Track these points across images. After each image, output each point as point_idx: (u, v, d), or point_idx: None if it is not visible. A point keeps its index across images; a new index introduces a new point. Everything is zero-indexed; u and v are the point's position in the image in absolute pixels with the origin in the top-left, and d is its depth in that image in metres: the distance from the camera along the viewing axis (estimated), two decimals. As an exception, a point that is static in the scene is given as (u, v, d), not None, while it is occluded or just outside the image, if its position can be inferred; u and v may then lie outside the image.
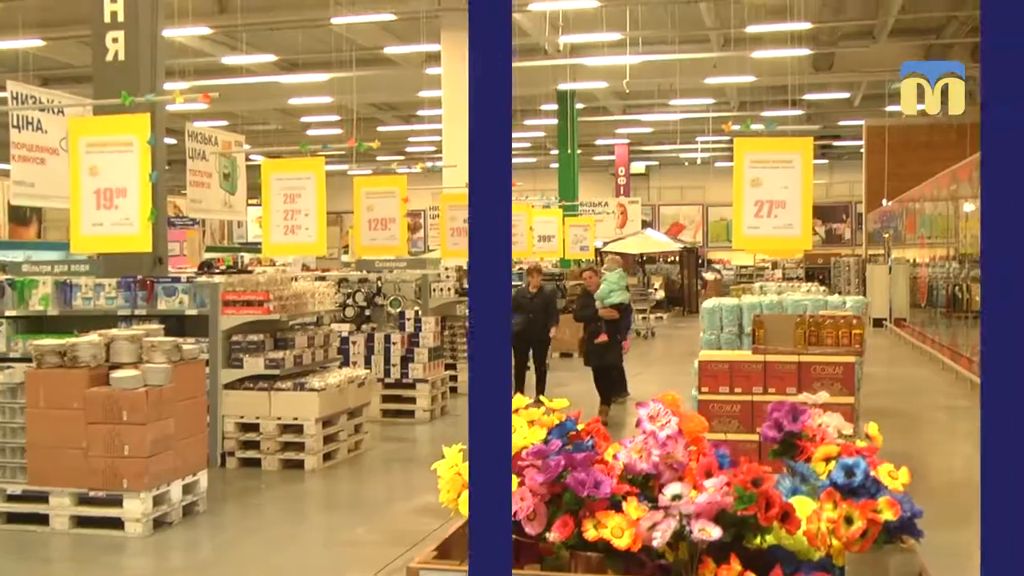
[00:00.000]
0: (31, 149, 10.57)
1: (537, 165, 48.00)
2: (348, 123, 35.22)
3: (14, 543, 8.11)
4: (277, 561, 7.49)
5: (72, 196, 8.45)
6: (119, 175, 8.16)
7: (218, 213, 14.64)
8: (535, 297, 14.26)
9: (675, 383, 16.45)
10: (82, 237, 8.35)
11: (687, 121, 35.92)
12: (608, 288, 13.52)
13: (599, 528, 3.29)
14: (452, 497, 3.44)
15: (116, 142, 8.20)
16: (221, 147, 13.75)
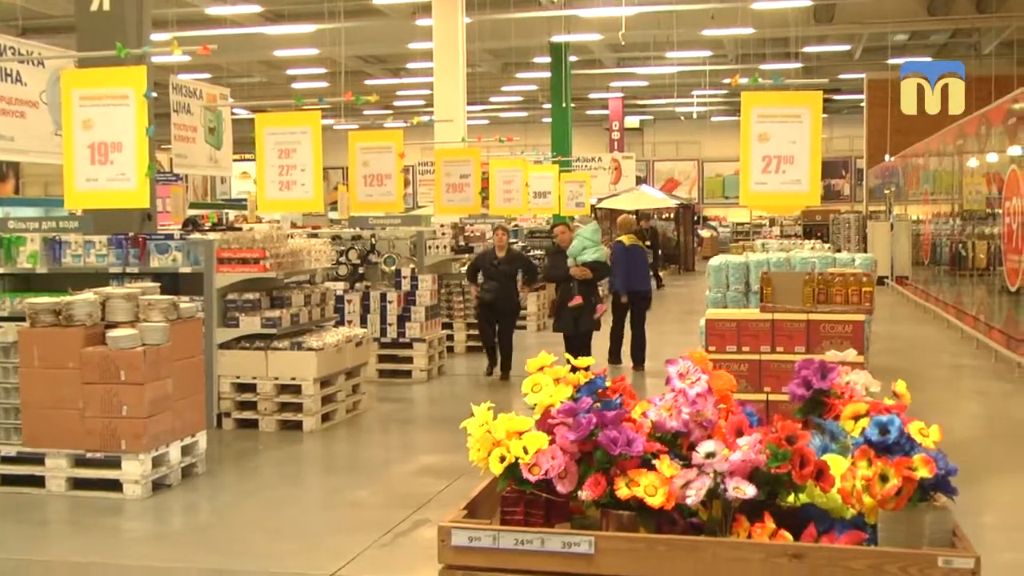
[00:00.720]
0: (10, 102, 10.51)
1: (529, 120, 47.87)
2: (334, 76, 35.02)
3: (9, 506, 8.14)
4: (279, 524, 7.54)
5: (65, 151, 8.41)
6: (114, 129, 8.12)
7: (204, 168, 14.60)
8: (502, 262, 13.52)
9: (677, 343, 16.56)
10: (76, 193, 8.33)
11: (683, 74, 35.81)
12: (581, 244, 12.61)
13: (632, 486, 3.34)
14: (483, 456, 3.48)
15: (111, 95, 8.16)
16: (206, 100, 13.69)
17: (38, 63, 10.91)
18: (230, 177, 37.25)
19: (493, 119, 48.21)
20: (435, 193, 16.73)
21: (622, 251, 14.43)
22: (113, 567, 6.73)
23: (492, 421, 3.50)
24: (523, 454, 3.39)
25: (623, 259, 14.32)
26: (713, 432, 3.57)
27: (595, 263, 12.52)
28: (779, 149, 9.91)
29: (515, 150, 32.09)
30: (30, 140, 10.27)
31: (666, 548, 3.23)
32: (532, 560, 3.29)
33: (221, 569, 6.56)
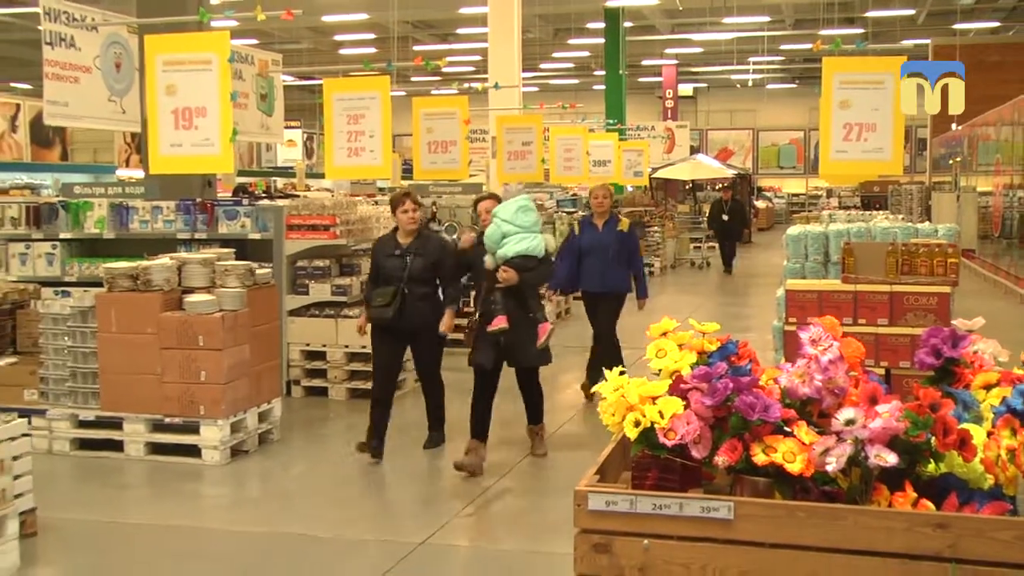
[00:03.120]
0: (64, 67, 10.59)
1: (580, 87, 47.72)
2: (382, 42, 35.07)
3: (91, 469, 8.32)
4: (360, 491, 7.66)
5: (149, 116, 8.52)
6: (198, 94, 8.23)
7: (256, 135, 14.70)
8: (408, 251, 8.48)
9: (742, 314, 16.57)
10: (160, 158, 8.44)
11: (740, 40, 35.55)
12: (497, 231, 8.00)
13: (769, 452, 3.38)
14: (616, 420, 3.53)
15: (194, 60, 8.25)
16: (258, 67, 13.76)
17: (92, 28, 10.98)
18: (276, 145, 37.40)
19: (543, 86, 48.08)
20: (498, 160, 16.75)
21: (615, 238, 10.57)
22: (197, 530, 6.87)
23: (626, 385, 3.54)
24: (659, 419, 3.44)
25: (595, 248, 10.55)
26: (844, 399, 3.60)
27: (522, 259, 7.91)
28: (861, 116, 9.88)
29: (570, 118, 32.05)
30: (84, 105, 10.37)
31: (806, 515, 3.26)
32: (669, 525, 3.33)
33: (305, 535, 6.66)
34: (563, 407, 10.38)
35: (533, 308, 8.08)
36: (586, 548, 3.41)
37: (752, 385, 3.55)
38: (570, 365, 12.18)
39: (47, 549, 6.52)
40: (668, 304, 18.31)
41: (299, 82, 39.52)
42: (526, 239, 7.95)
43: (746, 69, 41.17)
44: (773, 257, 25.83)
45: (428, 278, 8.46)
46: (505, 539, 6.76)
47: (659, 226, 24.51)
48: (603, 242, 10.53)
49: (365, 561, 6.33)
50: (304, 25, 34.20)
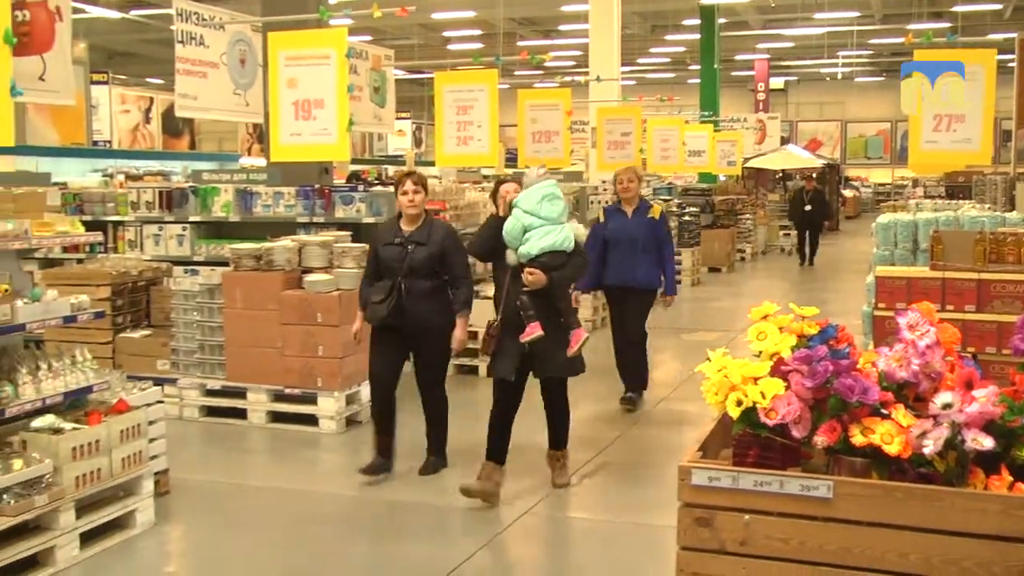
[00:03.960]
0: (194, 64, 10.75)
1: (675, 81, 47.27)
2: (488, 38, 35.11)
3: (216, 435, 8.48)
4: (466, 462, 7.64)
5: (271, 107, 8.65)
6: (317, 87, 8.32)
7: (368, 126, 14.78)
8: (409, 240, 7.08)
9: (830, 299, 16.28)
10: (280, 147, 8.56)
11: (830, 35, 34.88)
12: (517, 224, 6.53)
13: (867, 434, 3.29)
14: (719, 400, 3.46)
15: (314, 55, 8.35)
16: (371, 62, 13.85)
17: (219, 27, 11.15)
18: (387, 135, 37.67)
19: (641, 80, 47.74)
20: (597, 151, 16.66)
21: (645, 226, 9.21)
22: (314, 494, 6.96)
23: (729, 366, 3.48)
24: (761, 399, 3.37)
25: (623, 241, 9.17)
26: (940, 384, 3.50)
27: (549, 256, 6.49)
28: (950, 107, 9.61)
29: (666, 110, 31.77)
30: (211, 98, 10.49)
31: (904, 496, 3.17)
32: (770, 502, 3.27)
33: (419, 503, 6.71)
34: (661, 384, 10.30)
35: (564, 311, 6.63)
36: (689, 521, 3.37)
37: (851, 368, 3.47)
38: (664, 345, 12.10)
39: (178, 507, 6.67)
40: (759, 289, 18.11)
41: (409, 76, 39.72)
42: (552, 232, 6.46)
43: (835, 63, 40.38)
44: (860, 244, 25.36)
45: (432, 272, 6.96)
46: (607, 510, 6.72)
47: (751, 214, 24.21)
48: (631, 231, 9.14)
49: (469, 529, 6.33)
50: (415, 22, 34.35)
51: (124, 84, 28.28)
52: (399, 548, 6.01)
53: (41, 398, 5.79)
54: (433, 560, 5.75)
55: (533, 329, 6.43)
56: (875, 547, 3.17)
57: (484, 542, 6.06)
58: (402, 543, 6.09)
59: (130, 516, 6.14)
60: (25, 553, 5.40)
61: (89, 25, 24.55)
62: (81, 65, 16.93)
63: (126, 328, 9.38)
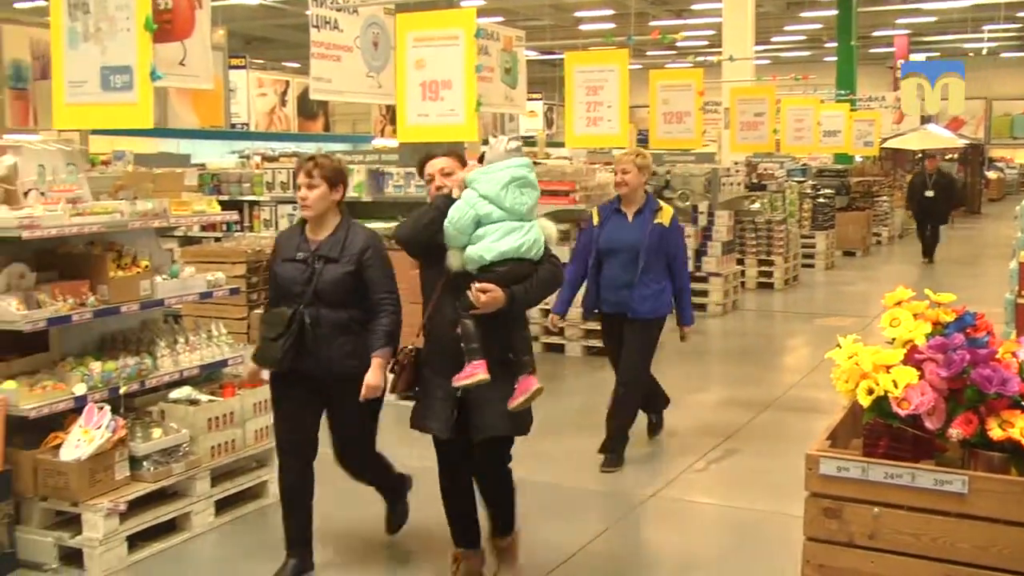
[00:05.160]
0: (328, 47, 10.92)
1: (811, 59, 46.26)
2: (619, 18, 34.86)
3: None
4: (595, 444, 7.63)
5: (398, 88, 8.73)
6: (445, 68, 8.36)
7: (499, 107, 14.79)
8: (315, 254, 5.08)
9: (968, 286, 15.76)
10: (407, 127, 8.62)
11: (974, 8, 33.62)
12: (469, 215, 4.58)
13: (1006, 427, 3.17)
14: (849, 387, 3.37)
15: (442, 36, 8.39)
16: (503, 43, 13.87)
17: (353, 11, 11.31)
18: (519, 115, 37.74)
19: (775, 59, 46.85)
20: (730, 132, 16.42)
21: (650, 233, 6.88)
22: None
23: (860, 353, 3.38)
24: (893, 388, 3.27)
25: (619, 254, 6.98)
26: (1081, 376, 3.35)
27: (514, 264, 4.63)
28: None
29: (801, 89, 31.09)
30: (345, 81, 10.61)
31: (1045, 492, 3.05)
32: (900, 495, 3.18)
33: (554, 484, 6.68)
34: (792, 369, 10.13)
35: (517, 346, 4.69)
36: (816, 512, 3.30)
37: (990, 358, 3.34)
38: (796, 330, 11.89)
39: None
40: (895, 274, 17.62)
41: (540, 56, 39.73)
42: (516, 232, 4.58)
43: (980, 37, 38.94)
44: (1002, 229, 24.48)
45: (348, 298, 5.02)
46: (735, 496, 6.63)
47: (888, 196, 23.56)
48: (630, 239, 6.86)
49: (594, 511, 6.31)
50: (546, 2, 34.30)
51: (261, 68, 28.85)
52: (525, 527, 6.02)
53: (179, 370, 6.00)
54: (558, 541, 5.74)
55: (475, 370, 4.47)
56: (1012, 547, 3.05)
57: (608, 524, 6.04)
58: (528, 522, 6.10)
59: (262, 486, 6.29)
60: (164, 518, 5.63)
61: (228, 12, 25.12)
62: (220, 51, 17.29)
63: (260, 304, 9.59)
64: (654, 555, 5.83)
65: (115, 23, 5.52)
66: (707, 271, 13.11)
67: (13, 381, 5.27)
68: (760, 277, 15.35)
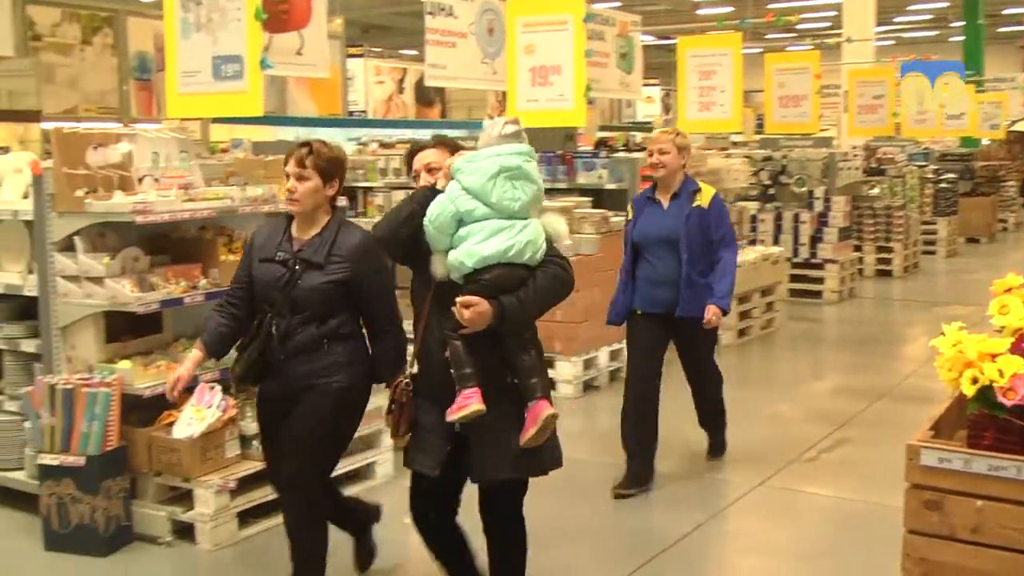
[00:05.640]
0: (443, 34, 10.98)
1: (936, 39, 44.98)
2: (739, 1, 34.32)
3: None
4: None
5: (508, 74, 8.75)
6: (554, 53, 8.36)
7: (615, 92, 14.68)
8: (296, 256, 4.32)
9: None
10: (517, 113, 8.64)
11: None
12: (448, 213, 3.85)
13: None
14: (953, 376, 3.27)
15: (551, 21, 8.40)
16: (618, 28, 13.77)
17: (469, -4, 11.39)
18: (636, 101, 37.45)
19: (898, 39, 45.64)
20: (848, 115, 16.06)
21: (690, 220, 6.08)
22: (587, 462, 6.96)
23: (965, 341, 3.27)
24: (998, 377, 3.15)
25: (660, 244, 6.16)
26: None
27: (503, 271, 3.85)
28: None
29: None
30: (460, 68, 10.66)
31: None
32: (1004, 488, 3.07)
33: (657, 471, 6.64)
34: (910, 359, 9.89)
35: (522, 369, 3.92)
36: (916, 504, 3.21)
37: (1103, 347, 3.21)
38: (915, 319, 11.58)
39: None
40: (1021, 262, 17.04)
41: (658, 41, 39.40)
42: (506, 231, 3.84)
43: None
44: None
45: (327, 310, 4.27)
46: (843, 487, 6.48)
47: (1015, 181, 22.76)
48: (668, 229, 6.09)
49: (699, 498, 6.24)
50: (664, -13, 33.99)
51: (379, 56, 29.18)
52: (629, 514, 6.00)
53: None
54: (661, 527, 5.71)
55: (467, 400, 3.77)
56: (1123, 542, 2.93)
57: (714, 512, 5.98)
58: (631, 508, 6.07)
59: (370, 468, 6.38)
60: (273, 496, 5.65)
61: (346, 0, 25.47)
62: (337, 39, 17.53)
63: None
64: (756, 544, 5.75)
65: (226, 13, 5.64)
66: (823, 258, 12.86)
67: (128, 361, 5.45)
68: (879, 264, 14.99)
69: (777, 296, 11.15)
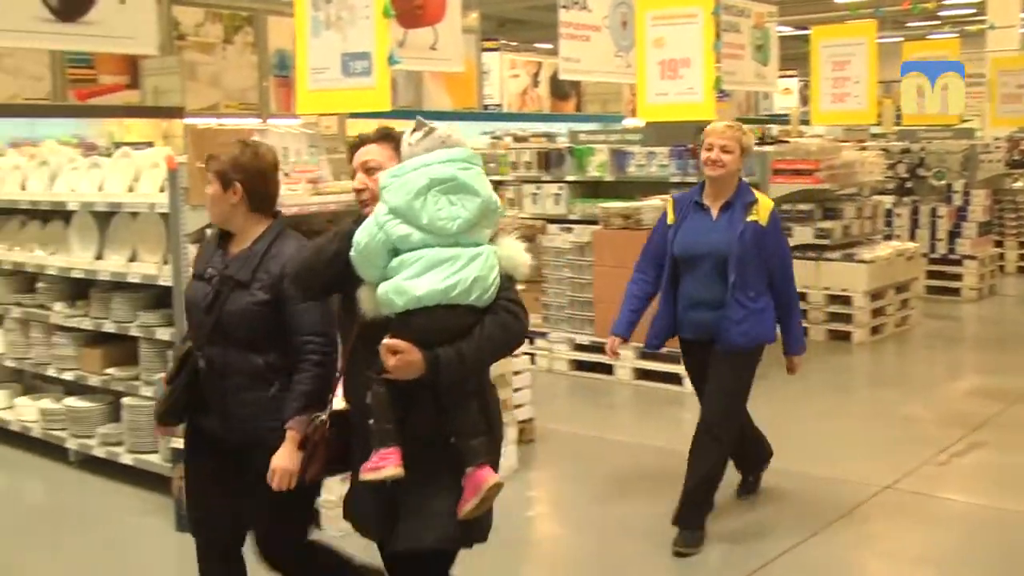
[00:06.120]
0: (577, 28, 10.94)
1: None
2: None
3: (583, 388, 8.67)
4: (832, 431, 7.39)
5: (637, 67, 8.70)
6: (683, 46, 8.28)
7: (751, 85, 14.45)
8: (224, 273, 3.68)
9: None
10: (646, 106, 8.61)
11: None
12: (377, 241, 3.10)
13: None
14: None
15: (681, 14, 8.31)
16: (754, 19, 13.53)
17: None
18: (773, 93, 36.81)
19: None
20: (990, 105, 15.50)
21: (742, 234, 5.10)
22: (673, 452, 6.81)
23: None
24: None
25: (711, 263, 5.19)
26: None
27: (445, 313, 3.07)
28: None
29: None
30: (594, 61, 10.62)
31: None
32: None
33: (783, 469, 6.49)
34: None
35: (460, 424, 3.20)
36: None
37: None
38: None
39: (541, 455, 6.88)
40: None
41: (795, 32, 38.67)
42: (446, 265, 3.08)
43: None
44: None
45: (258, 337, 3.63)
46: (977, 492, 6.24)
47: None
48: (716, 243, 5.14)
49: (826, 499, 6.07)
50: (801, -24, 33.28)
51: (514, 50, 29.31)
52: (752, 512, 5.89)
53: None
54: (787, 528, 5.58)
55: (383, 461, 3.10)
56: None
57: (841, 513, 5.81)
58: (751, 510, 5.95)
59: (493, 461, 6.40)
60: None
61: (483, -6, 25.67)
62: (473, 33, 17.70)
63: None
64: (886, 549, 5.57)
65: (355, 11, 5.72)
66: (961, 253, 12.42)
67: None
68: (1020, 261, 14.40)
69: (912, 293, 10.82)
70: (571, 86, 31.36)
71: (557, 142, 17.38)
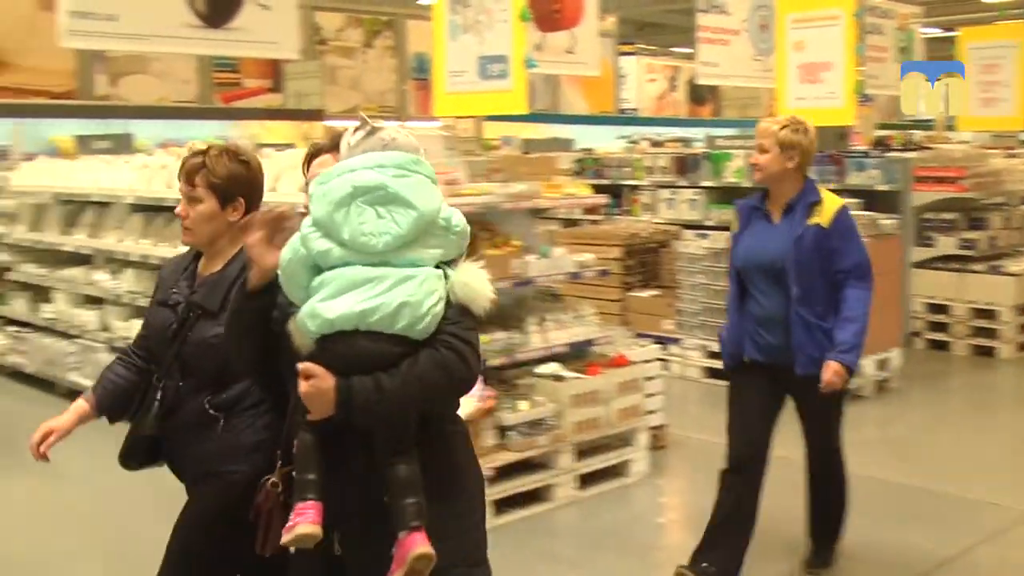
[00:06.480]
0: (715, 31, 10.83)
1: None
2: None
3: (716, 396, 8.40)
4: (974, 451, 7.10)
5: (777, 71, 8.56)
6: (824, 49, 8.13)
7: (894, 89, 14.12)
8: (191, 299, 3.23)
9: None
10: (786, 111, 8.43)
11: None
12: (298, 259, 2.64)
13: None
14: None
15: (822, 17, 8.17)
16: (898, 21, 13.21)
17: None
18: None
19: None
20: None
21: (803, 240, 4.46)
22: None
23: None
24: None
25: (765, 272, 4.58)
26: None
27: (368, 340, 2.57)
28: None
29: None
30: (732, 65, 10.52)
31: None
32: None
33: (921, 488, 6.31)
34: None
35: (392, 480, 2.60)
36: None
37: None
38: None
39: (673, 462, 6.84)
40: None
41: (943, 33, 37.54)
42: (367, 287, 2.57)
43: None
44: None
45: (225, 374, 3.13)
46: None
47: None
48: (772, 252, 4.53)
49: (971, 520, 5.86)
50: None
51: (652, 54, 29.16)
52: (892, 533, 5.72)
53: (547, 346, 6.19)
54: (929, 548, 5.41)
55: (299, 516, 2.58)
56: None
57: (981, 538, 5.59)
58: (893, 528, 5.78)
59: (625, 465, 6.39)
60: (529, 487, 5.84)
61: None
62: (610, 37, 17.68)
63: (635, 287, 9.69)
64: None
65: (492, 15, 5.77)
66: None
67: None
68: None
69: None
70: (709, 91, 31.09)
71: (694, 147, 17.25)
